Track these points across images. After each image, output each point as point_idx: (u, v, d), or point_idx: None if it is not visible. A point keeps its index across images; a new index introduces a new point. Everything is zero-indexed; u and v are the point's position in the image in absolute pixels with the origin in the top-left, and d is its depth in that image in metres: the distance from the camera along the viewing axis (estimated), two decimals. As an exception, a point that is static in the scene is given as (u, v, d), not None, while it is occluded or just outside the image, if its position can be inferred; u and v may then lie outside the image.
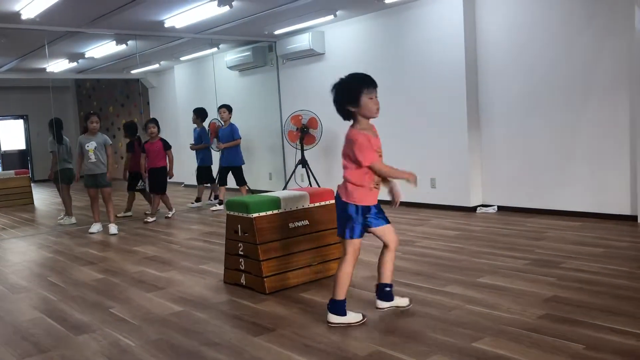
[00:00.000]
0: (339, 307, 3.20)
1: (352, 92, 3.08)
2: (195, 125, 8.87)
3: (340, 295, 3.19)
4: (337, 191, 3.28)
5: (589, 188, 5.93)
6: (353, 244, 3.18)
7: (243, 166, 8.34)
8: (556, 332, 2.92)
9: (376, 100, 3.11)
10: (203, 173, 8.76)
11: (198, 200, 8.82)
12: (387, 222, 3.29)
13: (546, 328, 2.98)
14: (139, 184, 8.11)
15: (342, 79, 3.13)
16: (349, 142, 3.14)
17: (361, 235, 3.20)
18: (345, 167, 3.19)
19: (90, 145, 6.72)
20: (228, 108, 8.35)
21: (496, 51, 6.58)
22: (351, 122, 3.19)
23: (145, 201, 8.54)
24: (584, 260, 4.31)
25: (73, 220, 7.83)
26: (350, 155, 3.13)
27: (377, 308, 3.41)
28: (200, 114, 8.80)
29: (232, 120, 8.32)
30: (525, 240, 5.11)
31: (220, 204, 8.32)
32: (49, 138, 7.87)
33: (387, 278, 3.35)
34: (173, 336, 3.22)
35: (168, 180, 7.76)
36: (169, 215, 7.81)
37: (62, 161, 7.83)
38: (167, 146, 7.70)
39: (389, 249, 3.33)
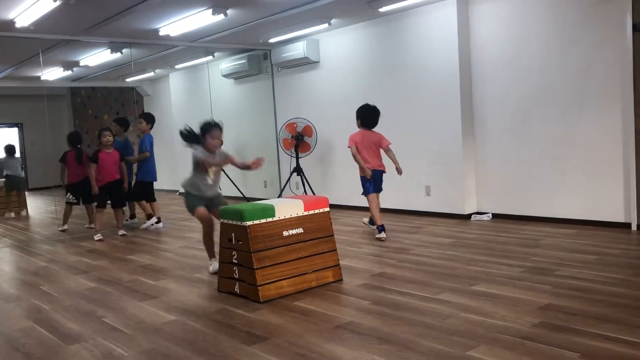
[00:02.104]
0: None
1: None
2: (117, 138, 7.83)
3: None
4: (380, 169, 6.00)
5: (583, 195, 5.94)
6: None
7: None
8: (551, 340, 2.92)
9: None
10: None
11: (132, 217, 8.22)
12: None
13: (541, 336, 2.97)
14: (68, 197, 7.63)
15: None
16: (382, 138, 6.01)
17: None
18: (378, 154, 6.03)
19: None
20: (146, 118, 7.65)
21: (490, 60, 6.61)
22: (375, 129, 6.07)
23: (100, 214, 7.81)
24: (579, 267, 4.31)
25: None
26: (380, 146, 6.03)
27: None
28: (123, 123, 8.03)
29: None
30: (520, 247, 5.11)
31: (158, 221, 7.68)
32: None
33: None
34: (166, 346, 3.19)
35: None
36: (100, 238, 6.89)
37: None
38: (122, 157, 7.16)
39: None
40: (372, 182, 5.96)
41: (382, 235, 5.83)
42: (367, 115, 6.03)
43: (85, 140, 9.93)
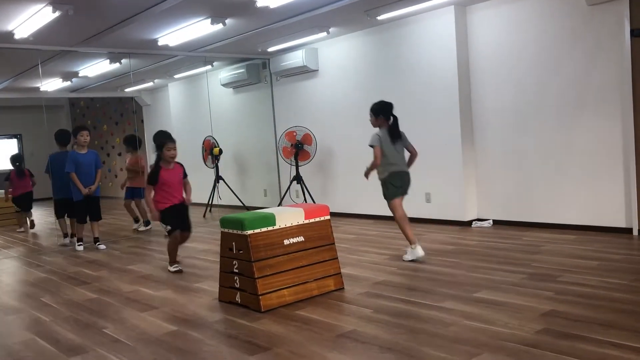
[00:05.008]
0: None
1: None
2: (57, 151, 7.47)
3: None
4: None
5: (583, 201, 5.93)
6: None
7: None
8: (555, 347, 2.90)
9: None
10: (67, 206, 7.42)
11: (73, 235, 7.58)
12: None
13: (545, 343, 2.96)
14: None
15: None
16: None
17: None
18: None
19: None
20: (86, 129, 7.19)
21: (489, 67, 6.62)
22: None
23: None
24: (581, 273, 4.30)
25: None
26: None
27: None
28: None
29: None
30: (522, 254, 5.10)
31: (70, 238, 7.56)
32: None
33: None
34: (168, 357, 3.17)
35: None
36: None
37: None
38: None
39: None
40: None
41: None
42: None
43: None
